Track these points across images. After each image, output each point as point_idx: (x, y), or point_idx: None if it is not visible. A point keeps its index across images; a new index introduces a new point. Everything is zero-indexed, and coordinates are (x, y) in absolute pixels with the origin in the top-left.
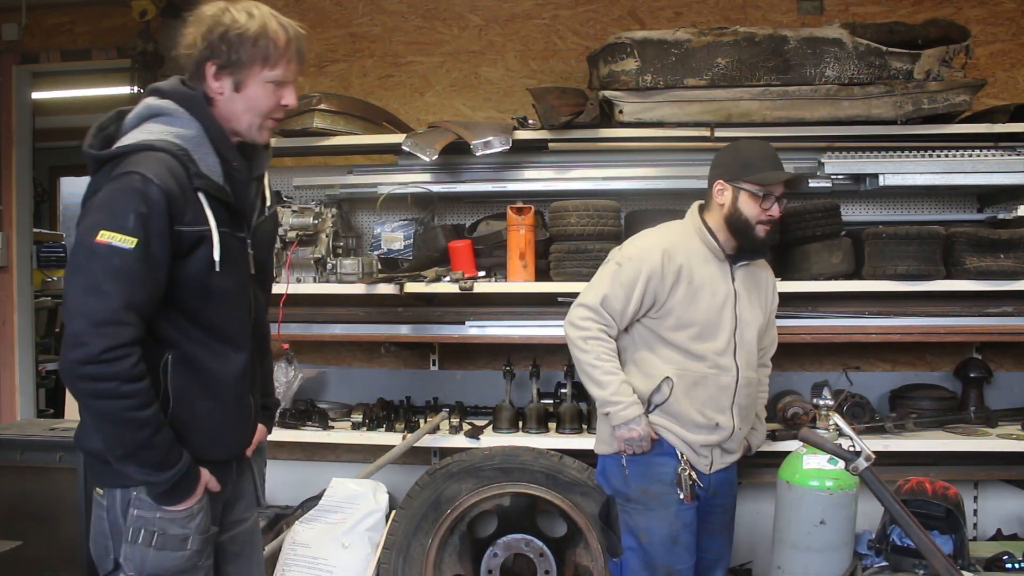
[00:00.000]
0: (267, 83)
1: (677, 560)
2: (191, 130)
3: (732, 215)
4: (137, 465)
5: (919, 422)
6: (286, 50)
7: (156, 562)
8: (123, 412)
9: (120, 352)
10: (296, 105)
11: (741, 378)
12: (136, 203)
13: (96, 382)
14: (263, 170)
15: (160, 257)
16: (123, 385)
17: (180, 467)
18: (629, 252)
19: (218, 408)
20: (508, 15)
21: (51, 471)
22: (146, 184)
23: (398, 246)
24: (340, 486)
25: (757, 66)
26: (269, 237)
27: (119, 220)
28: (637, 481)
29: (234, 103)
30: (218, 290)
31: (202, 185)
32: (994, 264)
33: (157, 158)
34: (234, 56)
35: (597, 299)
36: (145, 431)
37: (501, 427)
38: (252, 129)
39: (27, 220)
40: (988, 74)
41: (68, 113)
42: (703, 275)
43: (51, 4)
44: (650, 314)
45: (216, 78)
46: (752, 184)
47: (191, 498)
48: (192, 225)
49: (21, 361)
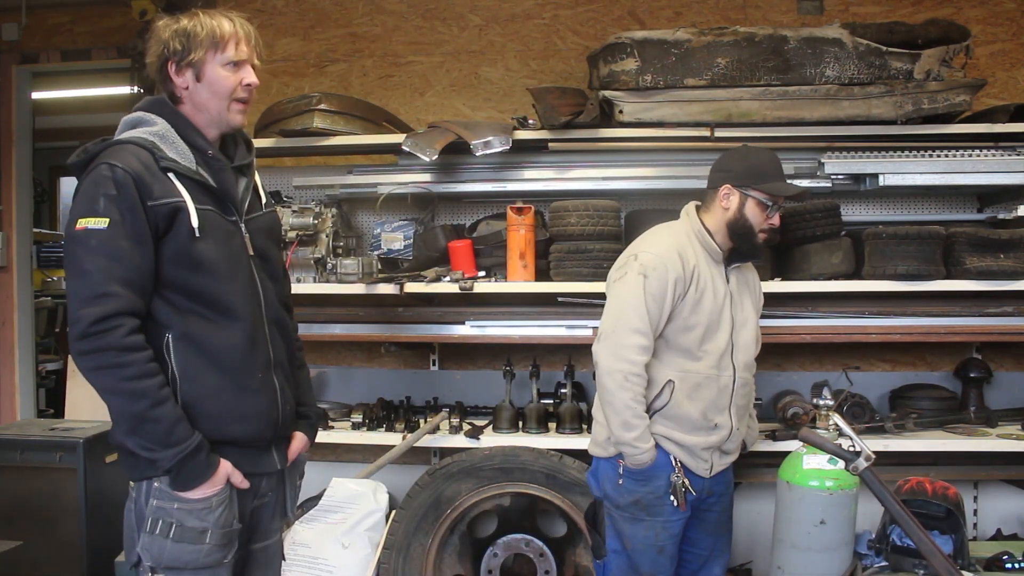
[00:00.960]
0: (223, 66)
1: (660, 569)
2: (157, 126)
3: (736, 221)
4: (142, 439)
5: (919, 422)
6: (232, 34)
7: (173, 554)
8: (120, 383)
9: (109, 323)
10: (257, 83)
11: (738, 379)
12: (104, 187)
13: (92, 355)
14: (245, 161)
15: (138, 231)
16: (118, 355)
17: (187, 445)
18: (649, 261)
19: (226, 381)
20: (508, 15)
21: (51, 471)
22: (112, 169)
23: (398, 246)
24: (340, 486)
25: (757, 66)
26: (269, 230)
27: (91, 205)
28: (630, 491)
29: (200, 92)
30: (205, 260)
31: (169, 166)
32: (994, 264)
33: (123, 148)
34: (185, 49)
35: (644, 321)
36: (144, 402)
37: (501, 427)
38: (223, 114)
39: (27, 220)
40: (988, 74)
41: (68, 113)
42: (706, 277)
43: (51, 4)
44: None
45: (178, 74)
46: (762, 193)
47: (207, 485)
48: (163, 199)
49: (21, 361)
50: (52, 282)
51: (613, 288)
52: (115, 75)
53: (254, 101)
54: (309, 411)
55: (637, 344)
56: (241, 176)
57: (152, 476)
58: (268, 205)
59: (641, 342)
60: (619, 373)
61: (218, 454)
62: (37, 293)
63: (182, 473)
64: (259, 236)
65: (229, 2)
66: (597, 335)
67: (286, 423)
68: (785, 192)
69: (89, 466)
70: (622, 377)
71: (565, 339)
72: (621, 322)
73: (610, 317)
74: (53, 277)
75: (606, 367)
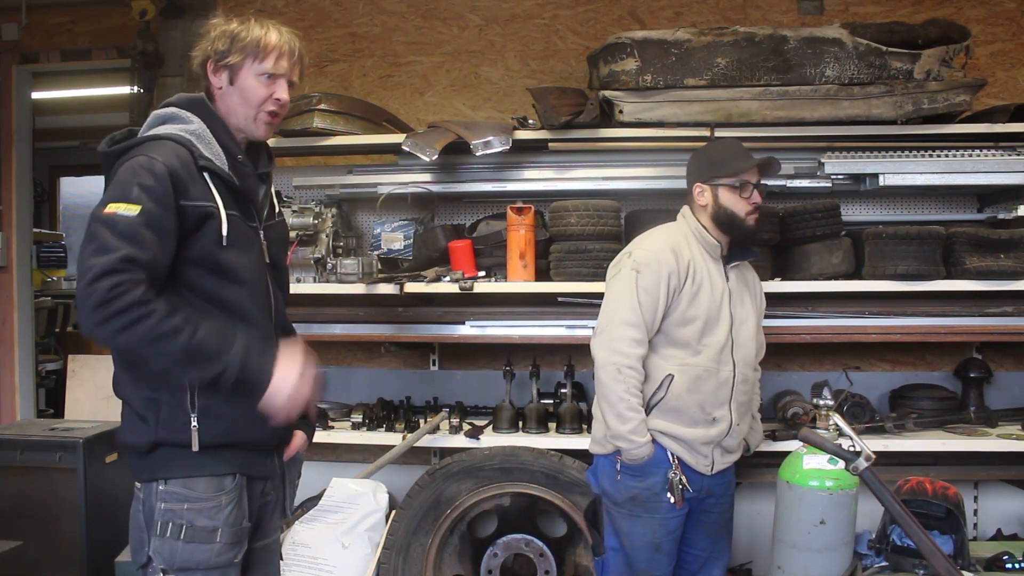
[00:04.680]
0: (259, 76)
1: (657, 567)
2: (193, 124)
3: (718, 212)
4: (201, 363)
5: (919, 422)
6: (276, 47)
7: (185, 555)
8: (154, 328)
9: (125, 287)
10: (288, 100)
11: (738, 374)
12: (141, 177)
13: (115, 317)
14: (267, 169)
15: (165, 226)
16: (140, 308)
17: (240, 342)
18: (642, 257)
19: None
20: (508, 15)
21: (51, 471)
22: (151, 161)
23: (398, 246)
24: (340, 486)
25: (757, 66)
26: (281, 239)
27: (124, 192)
28: (627, 487)
29: (231, 96)
30: (229, 267)
31: (207, 165)
32: (994, 264)
33: (162, 144)
34: (227, 51)
35: (636, 314)
36: (183, 334)
37: (501, 427)
38: (248, 122)
39: (27, 220)
40: (988, 74)
41: (68, 113)
42: (703, 272)
43: (51, 4)
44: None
45: (215, 73)
46: (726, 178)
47: (286, 362)
48: (197, 201)
49: (21, 361)
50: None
51: (608, 286)
52: (115, 75)
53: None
54: (308, 411)
55: (629, 337)
56: (262, 183)
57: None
58: (278, 213)
59: (633, 335)
60: (612, 366)
61: (227, 457)
62: (37, 293)
63: (251, 371)
64: (274, 244)
65: (229, 3)
66: (594, 332)
67: (287, 428)
68: (746, 167)
69: (89, 466)
70: (615, 369)
71: (565, 339)
72: (614, 317)
73: (605, 313)
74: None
75: (601, 361)
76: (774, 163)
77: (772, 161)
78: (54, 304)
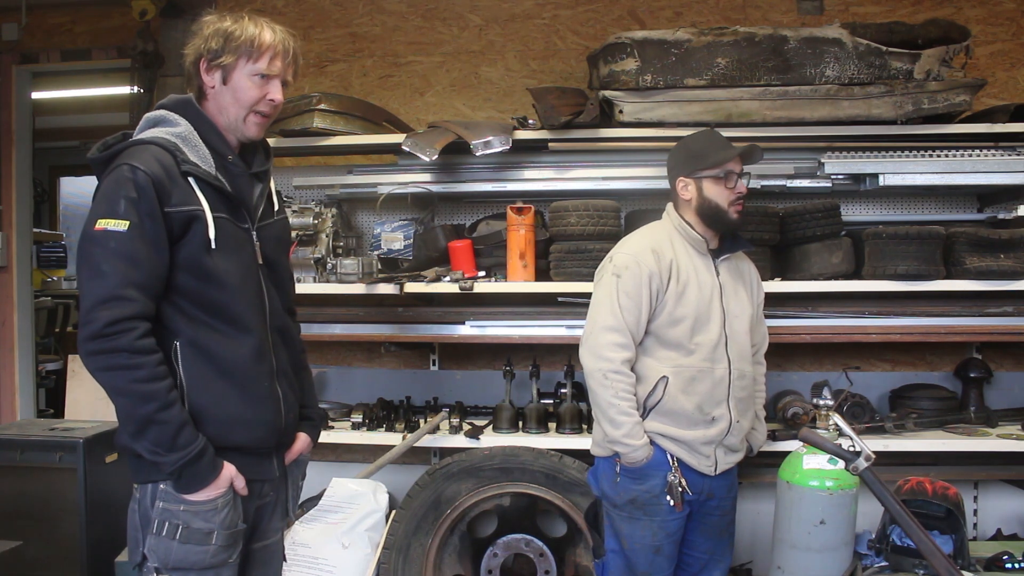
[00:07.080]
0: (252, 76)
1: (657, 570)
2: (180, 127)
3: (702, 205)
4: (148, 442)
5: (919, 422)
6: (270, 46)
7: (180, 555)
8: (130, 384)
9: (123, 325)
10: (282, 100)
11: (734, 370)
12: (125, 189)
13: (103, 356)
14: (263, 168)
15: (155, 237)
16: (129, 357)
17: (192, 449)
18: (622, 261)
19: (232, 390)
20: (508, 15)
21: (51, 471)
22: (133, 172)
23: (398, 246)
24: (340, 486)
25: (757, 66)
26: (279, 238)
27: (112, 207)
28: (626, 489)
29: (223, 95)
30: (217, 271)
31: (190, 170)
32: (994, 264)
33: (145, 149)
34: (220, 50)
35: (617, 319)
36: (152, 404)
37: (501, 427)
38: (238, 122)
39: (27, 220)
40: (988, 74)
41: (68, 113)
42: (688, 270)
43: (51, 4)
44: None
45: (208, 72)
46: (709, 169)
47: (210, 488)
48: (180, 206)
49: (21, 361)
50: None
51: (593, 292)
52: (115, 75)
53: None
54: (312, 413)
55: (612, 342)
56: (257, 182)
57: (157, 480)
58: (279, 211)
59: (616, 339)
60: (599, 372)
61: (222, 459)
62: (37, 293)
63: (185, 476)
64: (269, 244)
65: (229, 2)
66: (581, 340)
67: (288, 430)
68: (728, 157)
69: (89, 466)
70: (601, 375)
71: (565, 339)
72: (596, 323)
73: (588, 320)
74: (53, 277)
75: (588, 368)
76: (756, 150)
77: (754, 148)
78: (54, 304)
